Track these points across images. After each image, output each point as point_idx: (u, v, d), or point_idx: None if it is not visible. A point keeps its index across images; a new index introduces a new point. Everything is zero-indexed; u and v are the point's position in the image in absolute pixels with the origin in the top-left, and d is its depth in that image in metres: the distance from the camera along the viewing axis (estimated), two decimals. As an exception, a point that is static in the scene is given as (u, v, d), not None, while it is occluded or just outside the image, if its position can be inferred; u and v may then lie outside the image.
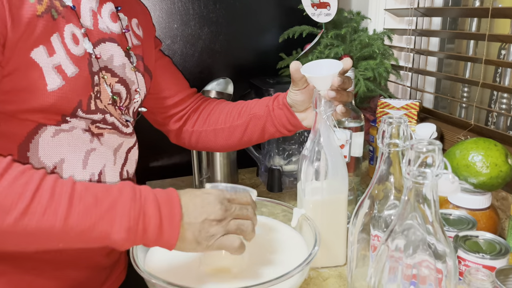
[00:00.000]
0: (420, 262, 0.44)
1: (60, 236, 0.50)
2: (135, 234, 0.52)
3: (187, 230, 0.54)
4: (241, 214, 0.58)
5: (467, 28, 1.19)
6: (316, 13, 1.15)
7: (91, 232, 0.51)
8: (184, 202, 0.55)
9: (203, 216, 0.55)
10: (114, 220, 0.51)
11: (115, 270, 0.81)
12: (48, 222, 0.49)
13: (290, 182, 1.08)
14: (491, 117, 1.11)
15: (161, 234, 0.53)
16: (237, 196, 0.59)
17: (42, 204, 0.49)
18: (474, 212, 0.74)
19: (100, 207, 0.51)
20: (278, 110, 0.81)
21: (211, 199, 0.56)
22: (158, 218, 0.53)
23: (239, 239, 0.57)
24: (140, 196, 0.53)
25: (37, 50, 0.57)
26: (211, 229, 0.55)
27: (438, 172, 0.41)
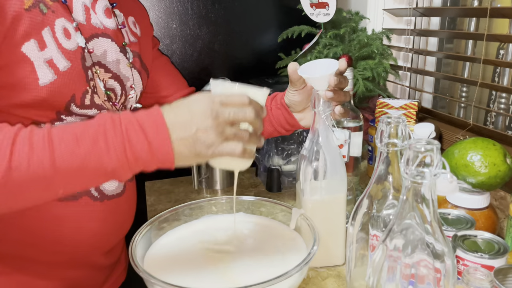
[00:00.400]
0: (419, 262, 0.44)
1: (55, 181, 0.49)
2: (127, 162, 0.50)
3: (181, 146, 0.52)
4: (237, 118, 0.53)
5: (466, 28, 1.19)
6: (315, 13, 1.15)
7: (83, 171, 0.49)
8: (169, 119, 0.52)
9: (193, 128, 0.51)
10: (101, 154, 0.49)
11: (115, 271, 0.81)
12: (37, 172, 0.48)
13: (289, 182, 1.08)
14: (490, 117, 1.11)
15: (155, 157, 0.51)
16: (231, 99, 0.54)
17: (23, 157, 0.47)
18: (473, 212, 0.74)
19: (83, 145, 0.49)
20: (276, 110, 0.81)
21: (199, 107, 0.52)
22: (145, 143, 0.50)
23: (240, 145, 0.54)
24: (120, 125, 0.51)
25: (28, 44, 0.56)
26: (206, 138, 0.52)
27: (437, 171, 0.41)
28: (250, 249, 0.68)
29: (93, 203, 0.68)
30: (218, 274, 0.61)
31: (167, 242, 0.70)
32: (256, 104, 0.55)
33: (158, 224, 0.70)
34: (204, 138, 0.52)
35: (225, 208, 0.78)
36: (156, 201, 1.06)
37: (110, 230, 0.72)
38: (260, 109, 0.56)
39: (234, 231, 0.73)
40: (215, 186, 1.10)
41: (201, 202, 0.76)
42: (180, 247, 0.68)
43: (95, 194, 0.69)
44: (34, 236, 0.64)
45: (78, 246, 0.68)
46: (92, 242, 0.70)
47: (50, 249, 0.66)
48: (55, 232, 0.65)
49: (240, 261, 0.64)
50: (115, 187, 0.72)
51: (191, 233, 0.72)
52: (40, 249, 0.66)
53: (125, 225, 0.77)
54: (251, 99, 0.55)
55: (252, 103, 0.55)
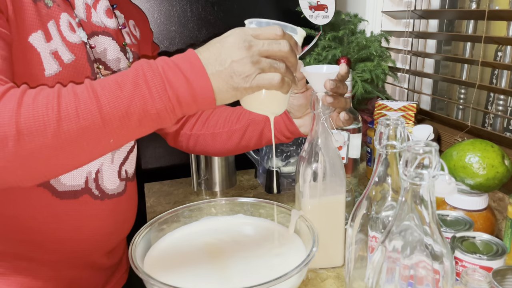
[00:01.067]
0: (417, 263, 0.44)
1: (105, 128, 0.49)
2: (170, 102, 0.50)
3: (218, 80, 0.51)
4: (271, 49, 0.52)
5: (464, 30, 1.19)
6: (314, 15, 1.16)
7: (130, 115, 0.49)
8: (203, 55, 0.52)
9: (228, 60, 0.51)
10: (144, 96, 0.49)
11: (116, 272, 0.81)
12: (86, 120, 0.48)
13: (288, 184, 1.08)
14: (488, 119, 1.11)
15: (195, 93, 0.51)
16: (263, 31, 0.53)
17: (71, 107, 0.47)
18: (471, 213, 0.75)
19: (125, 89, 0.49)
20: (276, 116, 0.81)
21: (231, 40, 0.52)
22: (183, 80, 0.50)
23: (278, 75, 0.53)
24: (157, 67, 0.51)
25: (35, 35, 0.57)
26: (242, 69, 0.51)
27: (435, 173, 0.41)
28: (249, 250, 0.68)
29: (94, 202, 0.69)
30: (218, 276, 0.62)
31: (167, 244, 0.70)
32: (291, 37, 0.54)
33: (158, 226, 0.70)
34: (240, 69, 0.51)
35: (224, 210, 0.78)
36: (156, 203, 1.06)
37: (111, 229, 0.72)
38: (295, 44, 0.55)
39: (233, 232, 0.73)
40: (214, 188, 1.11)
41: (200, 204, 0.76)
42: (179, 249, 0.69)
43: (96, 193, 0.69)
44: (34, 235, 0.65)
45: (78, 246, 0.68)
46: (93, 242, 0.70)
47: (50, 248, 0.66)
48: (55, 231, 0.65)
49: (239, 262, 0.65)
50: (116, 186, 0.73)
51: (190, 235, 0.73)
52: (41, 249, 0.66)
53: (126, 224, 0.77)
54: (285, 32, 0.53)
55: (286, 36, 0.54)
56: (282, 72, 0.54)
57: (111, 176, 0.71)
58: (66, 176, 0.65)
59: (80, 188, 0.67)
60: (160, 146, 1.25)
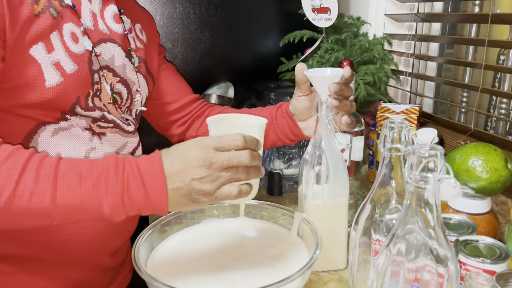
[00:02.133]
0: (422, 267, 0.44)
1: (52, 215, 0.52)
2: (123, 208, 0.53)
3: (177, 195, 0.53)
4: (231, 164, 0.54)
5: (466, 33, 1.19)
6: (317, 18, 1.16)
7: (81, 210, 0.52)
8: (167, 170, 0.53)
9: (188, 178, 0.53)
10: (100, 198, 0.52)
11: (120, 273, 0.81)
12: (37, 204, 0.50)
13: (290, 186, 1.08)
14: (490, 122, 1.11)
15: (150, 204, 0.53)
16: (224, 143, 0.54)
17: (27, 188, 0.50)
18: (474, 217, 0.74)
19: (84, 186, 0.52)
20: (281, 119, 0.81)
21: (193, 155, 0.53)
22: (143, 191, 0.52)
23: (236, 187, 0.55)
24: (123, 171, 0.53)
25: (36, 47, 0.58)
26: (201, 187, 0.53)
27: (440, 177, 0.41)
28: (252, 253, 0.68)
29: None
30: (220, 278, 0.61)
31: (170, 246, 0.70)
32: (251, 142, 0.55)
33: (161, 228, 0.70)
34: (199, 187, 0.53)
35: (227, 212, 0.78)
36: (157, 204, 1.06)
37: (115, 230, 0.72)
38: (256, 145, 0.56)
39: (236, 235, 0.73)
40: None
41: (203, 206, 0.76)
42: (182, 251, 0.69)
43: None
44: (41, 235, 0.65)
45: (83, 246, 0.68)
46: (97, 242, 0.70)
47: (56, 249, 0.67)
48: (60, 232, 0.66)
49: (242, 265, 0.65)
50: None
51: (193, 237, 0.73)
52: (46, 249, 0.66)
53: (130, 226, 0.77)
54: (245, 139, 0.55)
55: (247, 143, 0.55)
56: (243, 179, 0.55)
57: None
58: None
59: None
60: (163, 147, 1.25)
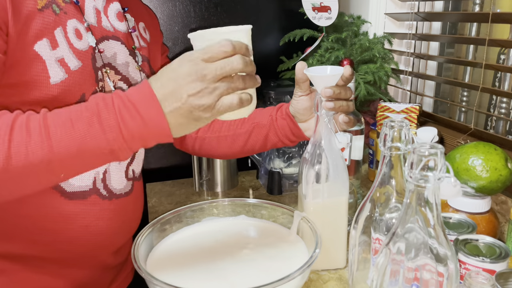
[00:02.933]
0: (422, 266, 0.44)
1: (54, 165, 0.50)
2: (124, 140, 0.51)
3: (177, 116, 0.51)
4: (225, 72, 0.51)
5: (467, 32, 1.19)
6: (317, 17, 1.16)
7: (82, 154, 0.50)
8: (159, 93, 0.51)
9: (184, 95, 0.50)
10: (97, 136, 0.50)
11: (122, 271, 0.81)
12: (35, 158, 0.49)
13: (290, 185, 1.08)
14: (490, 121, 1.11)
15: (151, 132, 0.51)
16: (212, 52, 0.51)
17: (21, 143, 0.48)
18: (474, 216, 0.74)
19: (78, 128, 0.50)
20: (281, 120, 0.81)
21: (184, 71, 0.51)
22: (139, 119, 0.50)
23: (237, 96, 0.52)
24: (113, 105, 0.51)
25: (41, 43, 0.57)
26: (200, 102, 0.50)
27: (440, 175, 0.41)
28: (251, 251, 0.68)
29: (102, 202, 0.69)
30: (220, 277, 0.61)
31: (170, 244, 0.70)
32: (240, 47, 0.52)
33: (160, 226, 0.70)
34: (198, 102, 0.50)
35: (226, 211, 0.78)
36: (157, 203, 1.06)
37: (118, 229, 0.73)
38: (246, 50, 0.53)
39: (235, 233, 0.73)
40: (216, 188, 1.11)
41: (203, 204, 0.76)
42: (182, 249, 0.69)
43: (104, 193, 0.69)
44: (44, 234, 0.65)
45: (86, 245, 0.68)
46: (100, 241, 0.70)
47: (59, 248, 0.67)
48: (64, 231, 0.66)
49: (241, 264, 0.65)
50: (123, 186, 0.73)
51: (193, 236, 0.73)
52: (49, 248, 0.66)
53: (133, 224, 0.77)
54: (233, 44, 0.51)
55: (236, 48, 0.52)
56: (241, 88, 0.53)
57: (118, 176, 0.71)
58: (75, 177, 0.65)
59: (88, 189, 0.67)
60: (162, 147, 1.25)
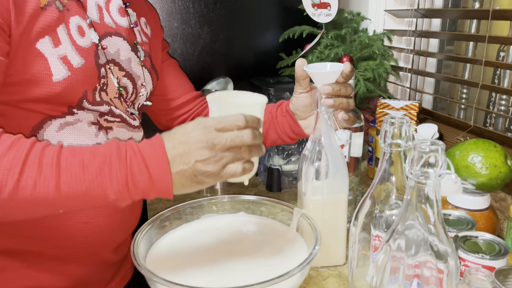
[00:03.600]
0: (422, 262, 0.44)
1: (57, 203, 0.51)
2: (128, 193, 0.53)
3: (182, 178, 0.53)
4: (234, 145, 0.54)
5: (467, 29, 1.19)
6: (317, 13, 1.15)
7: (85, 198, 0.52)
8: (170, 154, 0.53)
9: (192, 160, 0.53)
10: (104, 185, 0.52)
11: (122, 268, 0.81)
12: (41, 194, 0.50)
13: (289, 182, 1.08)
14: (490, 119, 1.11)
15: (155, 189, 0.53)
16: (225, 123, 0.54)
17: (31, 178, 0.50)
18: (473, 213, 0.75)
19: (88, 173, 0.51)
20: (281, 118, 0.81)
21: (195, 137, 0.53)
22: (147, 176, 0.52)
23: (241, 165, 0.55)
24: (125, 157, 0.53)
25: (43, 41, 0.57)
26: (206, 168, 0.53)
27: (441, 172, 0.41)
28: (251, 248, 0.68)
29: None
30: (220, 274, 0.61)
31: (169, 241, 0.70)
32: (253, 121, 0.55)
33: (160, 223, 0.70)
34: (204, 168, 0.53)
35: (226, 208, 0.78)
36: (156, 200, 1.05)
37: (117, 226, 0.72)
38: (257, 124, 0.56)
39: (235, 230, 0.73)
40: (215, 186, 1.10)
41: (202, 201, 0.76)
42: (181, 246, 0.69)
43: None
44: (44, 231, 0.65)
45: (85, 242, 0.68)
46: (100, 238, 0.70)
47: (59, 244, 0.67)
48: (63, 227, 0.66)
49: (241, 260, 0.65)
50: None
51: (192, 232, 0.73)
52: (49, 244, 0.66)
53: (132, 221, 0.77)
54: (246, 118, 0.54)
55: (249, 122, 0.55)
56: (246, 158, 0.55)
57: None
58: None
59: None
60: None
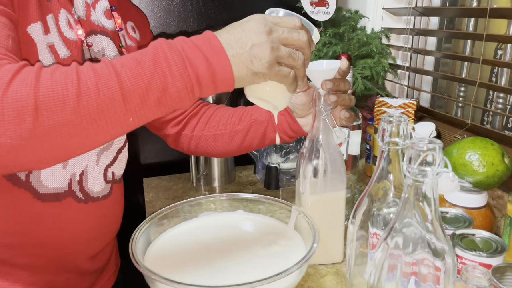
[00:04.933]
0: (419, 260, 0.44)
1: (126, 106, 0.47)
2: (190, 81, 0.49)
3: (238, 62, 0.51)
4: (290, 38, 0.53)
5: (464, 28, 1.19)
6: (315, 11, 1.15)
7: (150, 93, 0.48)
8: (222, 37, 0.51)
9: (248, 44, 0.51)
10: (165, 74, 0.48)
11: (102, 276, 0.79)
12: (106, 96, 0.46)
13: (287, 180, 1.08)
14: (487, 117, 1.12)
15: (215, 74, 0.51)
16: (283, 20, 0.54)
17: (91, 82, 0.46)
18: (470, 211, 0.75)
19: (145, 67, 0.48)
20: (280, 116, 0.81)
21: (252, 24, 0.52)
22: (203, 59, 0.50)
23: (293, 73, 0.55)
24: (176, 45, 0.50)
25: (34, 26, 0.56)
26: (263, 54, 0.51)
27: (439, 170, 0.41)
28: (249, 246, 0.68)
29: (77, 205, 0.67)
30: (218, 271, 0.62)
31: (167, 239, 0.70)
32: (308, 31, 0.56)
33: (158, 221, 0.70)
34: (261, 53, 0.51)
35: (224, 206, 0.78)
36: (155, 198, 1.06)
37: (95, 233, 0.71)
38: (310, 37, 0.56)
39: (233, 228, 0.73)
40: (213, 184, 1.11)
41: (200, 199, 0.76)
42: (180, 244, 0.69)
43: (80, 196, 0.67)
44: (15, 238, 0.62)
45: (60, 250, 0.66)
46: (75, 246, 0.68)
47: (31, 252, 0.64)
48: (36, 234, 0.63)
49: (239, 259, 0.65)
50: (101, 188, 0.71)
51: (190, 230, 0.73)
52: (21, 252, 0.64)
53: (111, 228, 0.76)
54: (303, 25, 0.55)
55: (304, 28, 0.55)
56: (298, 64, 0.55)
57: (96, 179, 0.69)
58: (49, 178, 0.63)
59: (63, 191, 0.65)
60: (159, 142, 1.25)
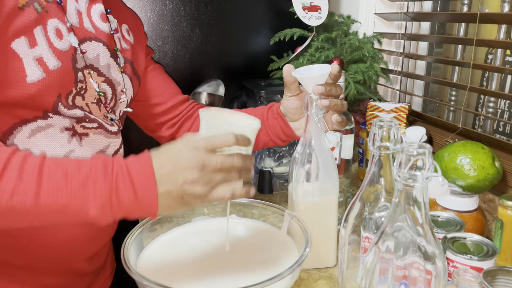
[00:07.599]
0: (410, 264, 0.44)
1: (33, 215, 0.49)
2: (111, 209, 0.50)
3: (168, 198, 0.52)
4: (224, 167, 0.52)
5: (455, 33, 1.20)
6: (307, 16, 1.16)
7: (64, 211, 0.49)
8: (157, 171, 0.51)
9: (180, 181, 0.51)
10: (87, 198, 0.49)
11: (99, 277, 0.79)
12: (18, 202, 0.48)
13: (280, 184, 1.08)
14: (478, 121, 1.13)
15: (139, 207, 0.51)
16: (216, 143, 0.53)
17: (10, 184, 0.48)
18: (462, 214, 0.75)
19: (71, 185, 0.49)
20: (272, 120, 0.81)
21: (185, 158, 0.51)
22: (132, 192, 0.50)
23: (229, 190, 0.53)
24: (112, 171, 0.51)
25: (18, 41, 0.56)
26: (194, 190, 0.51)
27: (428, 175, 0.42)
28: (242, 251, 0.68)
29: None
30: (210, 277, 0.61)
31: (160, 244, 0.69)
32: (243, 142, 0.54)
33: (150, 226, 0.70)
34: (192, 190, 0.51)
35: (217, 210, 0.78)
36: (147, 203, 1.05)
37: (92, 235, 0.70)
38: (248, 144, 0.55)
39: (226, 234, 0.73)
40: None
41: (193, 205, 0.76)
42: (172, 249, 0.68)
43: None
44: (16, 240, 0.63)
45: (57, 251, 0.66)
46: (73, 247, 0.68)
47: (29, 254, 0.64)
48: (33, 235, 0.64)
49: (232, 263, 0.65)
50: None
51: (183, 235, 0.72)
52: (17, 253, 0.64)
53: (108, 230, 0.75)
54: (237, 139, 0.53)
55: (239, 142, 0.54)
56: (235, 181, 0.54)
57: None
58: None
59: None
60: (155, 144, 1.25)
